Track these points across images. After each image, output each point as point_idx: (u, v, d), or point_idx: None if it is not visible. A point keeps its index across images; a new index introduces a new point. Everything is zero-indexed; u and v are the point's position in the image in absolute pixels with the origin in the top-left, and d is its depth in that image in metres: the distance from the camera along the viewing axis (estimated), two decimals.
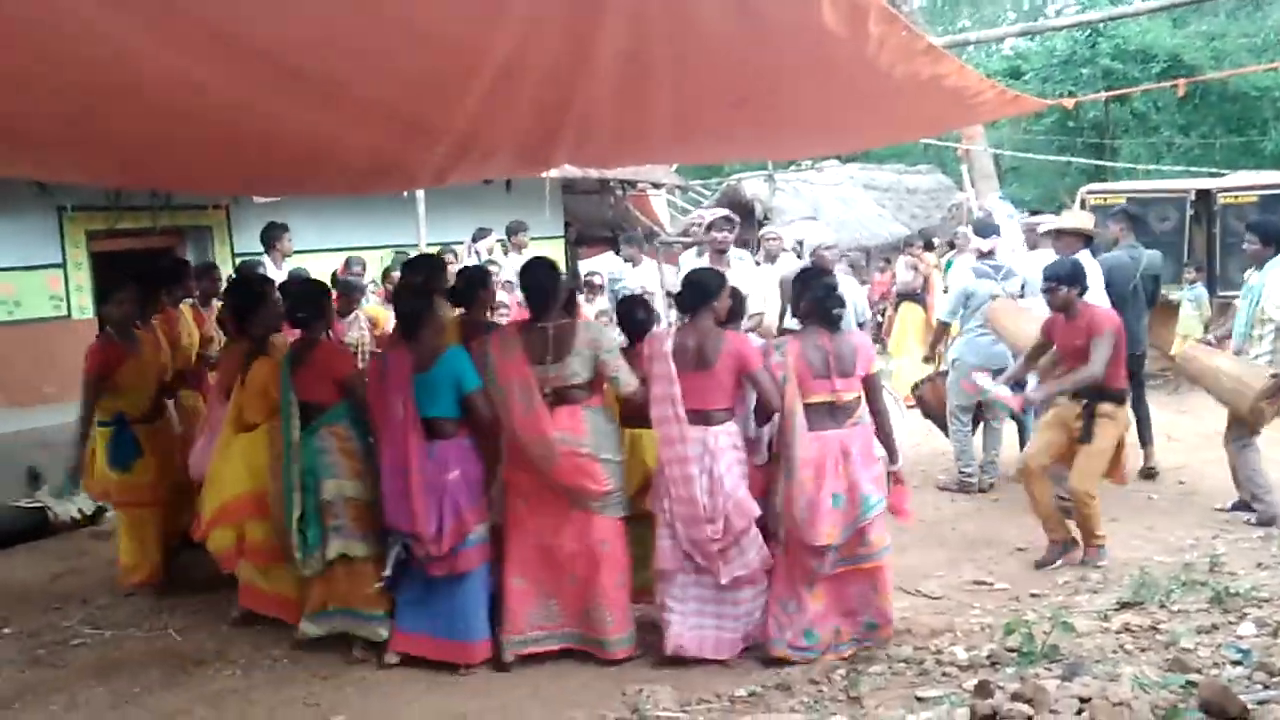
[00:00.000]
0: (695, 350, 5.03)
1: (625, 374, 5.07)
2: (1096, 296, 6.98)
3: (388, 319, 8.00)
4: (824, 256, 8.10)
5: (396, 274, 8.66)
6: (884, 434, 5.25)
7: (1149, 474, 8.04)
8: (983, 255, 8.45)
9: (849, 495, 4.95)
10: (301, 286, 5.76)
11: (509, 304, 8.49)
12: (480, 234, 11.03)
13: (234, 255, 10.43)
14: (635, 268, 10.66)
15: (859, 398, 5.11)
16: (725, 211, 7.95)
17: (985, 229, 8.93)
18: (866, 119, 5.80)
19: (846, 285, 7.92)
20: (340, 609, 5.32)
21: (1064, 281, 6.23)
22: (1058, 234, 7.69)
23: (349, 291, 8.14)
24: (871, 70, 4.05)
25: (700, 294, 5.15)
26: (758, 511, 5.00)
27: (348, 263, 9.24)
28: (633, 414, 5.26)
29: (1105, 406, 6.20)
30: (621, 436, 5.24)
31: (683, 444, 4.95)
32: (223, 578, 5.96)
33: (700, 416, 4.99)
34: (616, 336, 5.41)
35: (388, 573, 5.10)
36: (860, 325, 7.76)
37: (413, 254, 9.63)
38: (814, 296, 5.17)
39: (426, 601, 5.14)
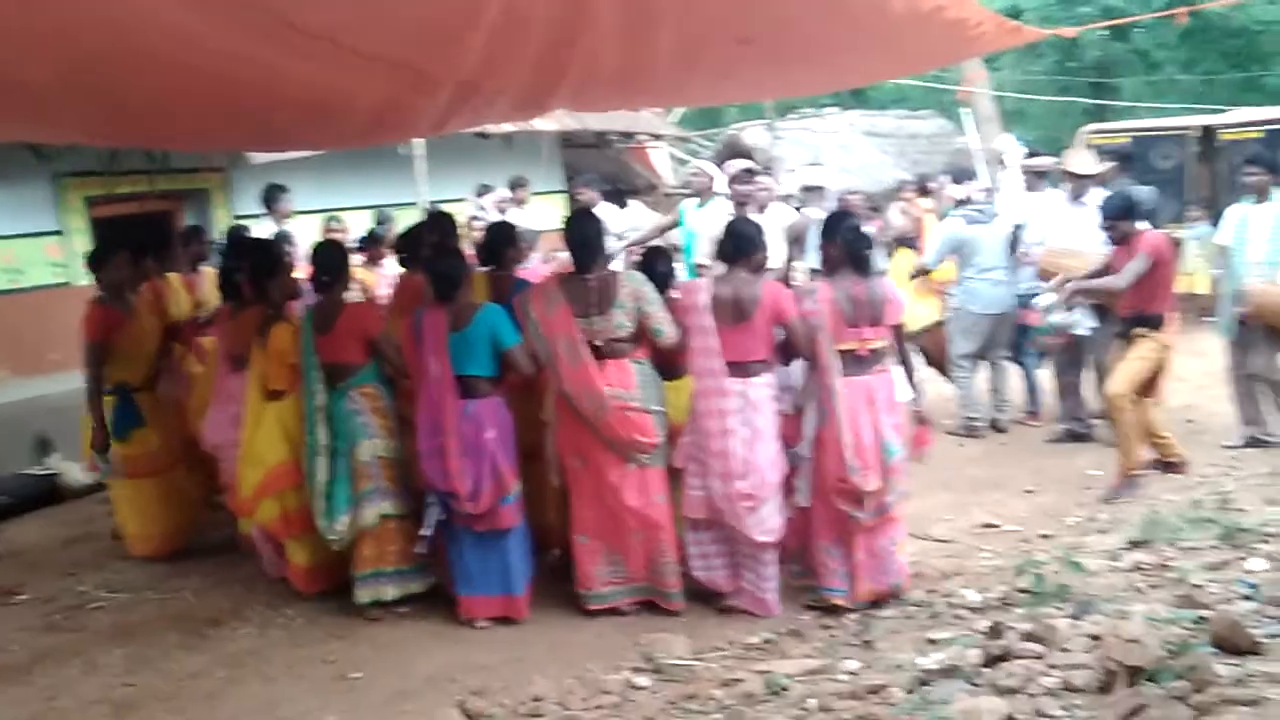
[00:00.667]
0: (733, 301, 4.98)
1: (668, 326, 5.03)
2: (1090, 235, 7.11)
3: (375, 282, 7.92)
4: (850, 201, 8.06)
5: (388, 231, 8.55)
6: (910, 373, 5.37)
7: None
8: (960, 202, 8.28)
9: (874, 441, 4.97)
10: (323, 248, 5.67)
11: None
12: (483, 190, 10.98)
13: (233, 217, 10.38)
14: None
15: (887, 345, 5.13)
16: (747, 164, 7.81)
17: (963, 175, 8.87)
18: (869, 54, 5.77)
19: None
20: (390, 570, 5.31)
21: (1121, 216, 6.41)
22: (1066, 176, 7.75)
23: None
24: (873, 3, 4.01)
25: (743, 245, 5.12)
26: (786, 468, 5.03)
27: (328, 221, 8.91)
28: (660, 366, 5.22)
29: (1141, 330, 6.40)
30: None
31: (721, 397, 4.94)
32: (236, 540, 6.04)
33: (740, 369, 4.97)
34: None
35: (428, 531, 5.10)
36: None
37: (393, 213, 9.60)
38: (844, 240, 5.16)
39: (477, 562, 5.14)
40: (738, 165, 7.93)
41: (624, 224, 9.56)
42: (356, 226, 9.29)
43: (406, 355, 5.20)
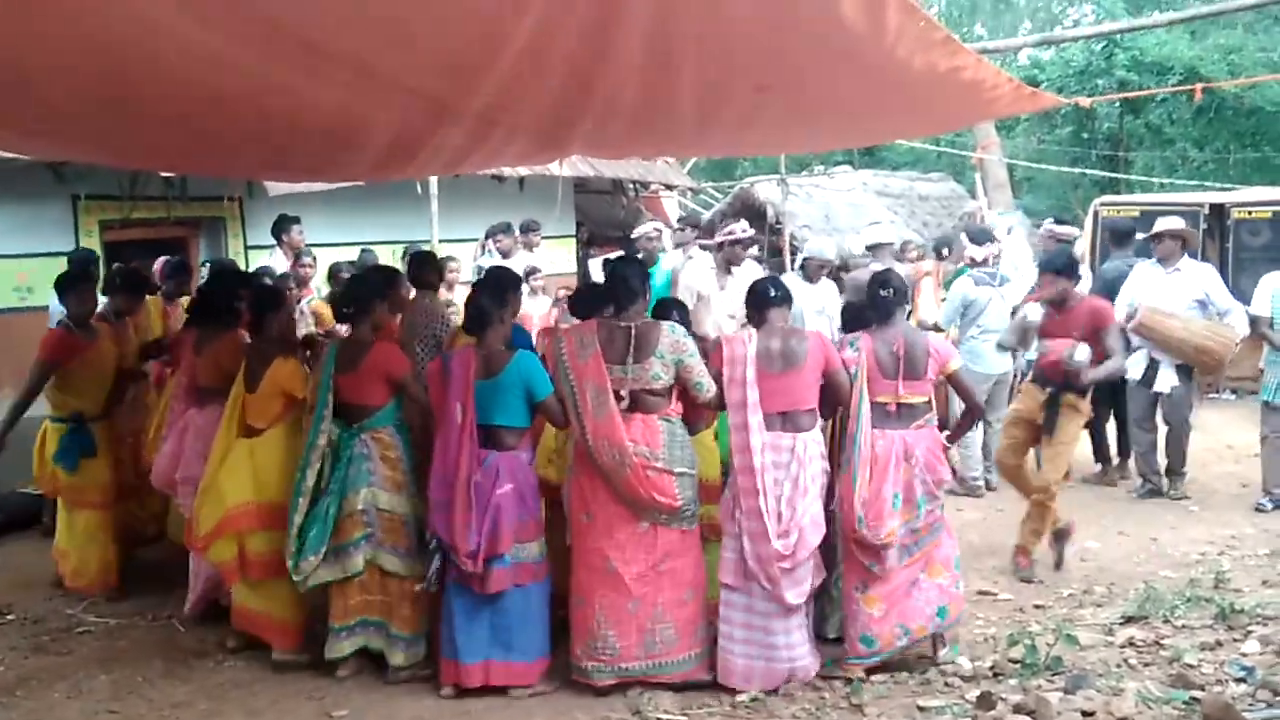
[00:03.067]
0: (781, 351, 4.90)
1: (708, 380, 4.87)
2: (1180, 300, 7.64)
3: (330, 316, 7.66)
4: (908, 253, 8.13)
5: (344, 274, 8.52)
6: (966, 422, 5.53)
7: (1111, 481, 8.36)
8: (976, 264, 8.37)
9: (905, 495, 4.94)
10: (352, 281, 5.56)
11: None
12: (495, 229, 10.98)
13: (246, 247, 10.45)
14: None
15: (928, 401, 5.11)
16: (743, 226, 7.89)
17: (980, 237, 8.97)
18: (885, 110, 5.81)
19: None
20: (372, 620, 5.06)
21: (1060, 272, 6.30)
22: (1157, 237, 7.90)
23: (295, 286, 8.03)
24: (890, 60, 4.05)
25: (772, 298, 5.05)
26: (823, 529, 4.89)
27: (298, 256, 8.79)
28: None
29: (1070, 397, 6.22)
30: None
31: (757, 454, 4.76)
32: None
33: (789, 421, 4.85)
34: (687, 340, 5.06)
35: (430, 582, 4.87)
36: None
37: (375, 252, 9.60)
38: (880, 295, 5.18)
39: (465, 623, 4.86)
40: (736, 225, 7.97)
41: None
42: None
43: (432, 397, 5.01)
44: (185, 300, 7.23)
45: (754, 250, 9.69)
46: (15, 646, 5.55)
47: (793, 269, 8.63)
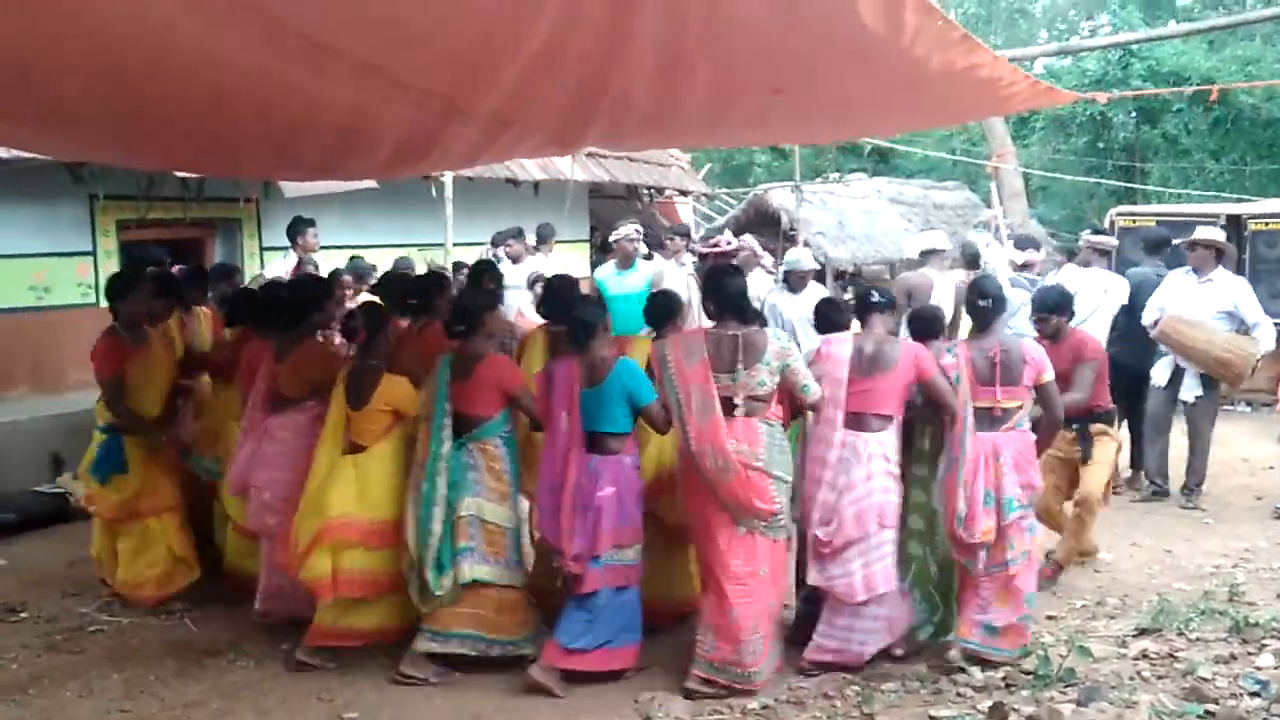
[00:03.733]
0: (873, 355, 5.10)
1: (814, 383, 5.00)
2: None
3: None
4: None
5: (347, 278, 8.49)
6: (1049, 435, 5.53)
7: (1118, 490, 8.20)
8: (1020, 268, 8.51)
9: (996, 495, 5.08)
10: (463, 298, 5.50)
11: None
12: (500, 237, 11.03)
13: (262, 249, 10.48)
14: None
15: (1020, 406, 5.25)
16: (728, 239, 7.94)
17: (1024, 243, 9.04)
18: (899, 106, 5.84)
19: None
20: (469, 633, 5.07)
21: (1054, 310, 6.36)
22: (1191, 246, 7.95)
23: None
24: (907, 59, 4.05)
25: (874, 304, 5.29)
26: (890, 523, 5.05)
27: (300, 263, 8.78)
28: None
29: (1098, 426, 6.40)
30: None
31: (829, 447, 5.01)
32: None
33: (858, 421, 5.04)
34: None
35: (559, 584, 5.00)
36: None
37: (382, 257, 9.62)
38: (968, 301, 5.41)
39: (586, 618, 4.97)
40: (742, 241, 8.01)
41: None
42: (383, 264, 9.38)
43: (538, 406, 5.11)
44: (203, 310, 7.08)
45: (768, 259, 9.67)
46: (28, 645, 5.56)
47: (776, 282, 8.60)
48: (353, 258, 9.31)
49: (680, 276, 7.77)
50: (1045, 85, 5.55)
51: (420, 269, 8.97)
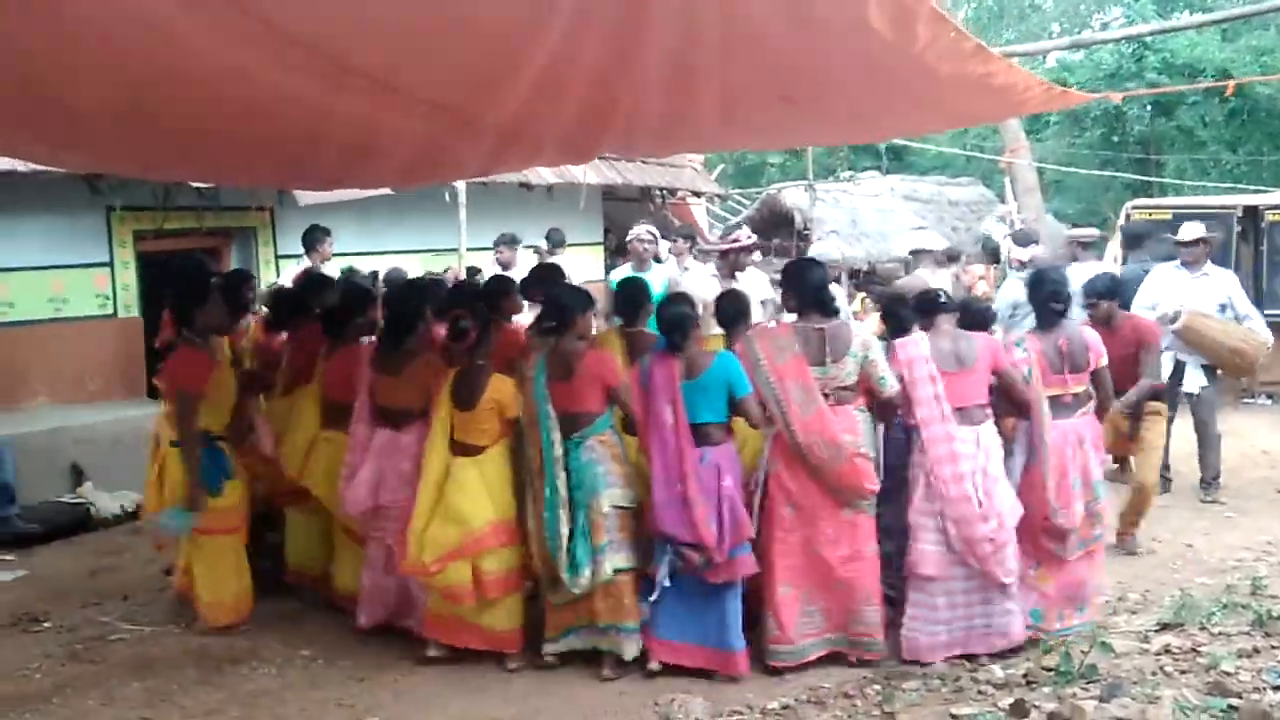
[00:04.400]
0: (953, 352, 5.22)
1: (891, 376, 5.11)
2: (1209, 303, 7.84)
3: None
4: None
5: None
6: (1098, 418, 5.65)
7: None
8: (1022, 265, 8.55)
9: (1083, 479, 5.32)
10: (556, 293, 5.42)
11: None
12: (503, 240, 11.02)
13: (277, 257, 10.52)
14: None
15: (1088, 391, 5.49)
16: (746, 233, 7.90)
17: (1024, 239, 9.06)
18: (912, 112, 5.86)
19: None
20: (585, 625, 5.12)
21: (1104, 295, 6.52)
22: (1194, 243, 8.04)
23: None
24: (919, 68, 4.05)
25: (940, 304, 5.41)
26: (1021, 512, 5.17)
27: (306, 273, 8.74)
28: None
29: (1153, 405, 6.67)
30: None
31: (950, 443, 5.07)
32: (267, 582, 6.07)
33: (965, 415, 5.14)
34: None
35: (665, 583, 4.97)
36: None
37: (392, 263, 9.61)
38: (1042, 297, 5.55)
39: (689, 610, 5.03)
40: (741, 236, 7.97)
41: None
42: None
43: (635, 403, 5.11)
44: (252, 319, 7.08)
45: (756, 255, 9.63)
46: (50, 654, 5.59)
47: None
48: (344, 268, 9.13)
49: (703, 277, 7.73)
50: (1059, 90, 5.53)
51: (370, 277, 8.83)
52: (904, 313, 5.60)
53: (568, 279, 6.42)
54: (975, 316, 5.79)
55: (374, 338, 6.09)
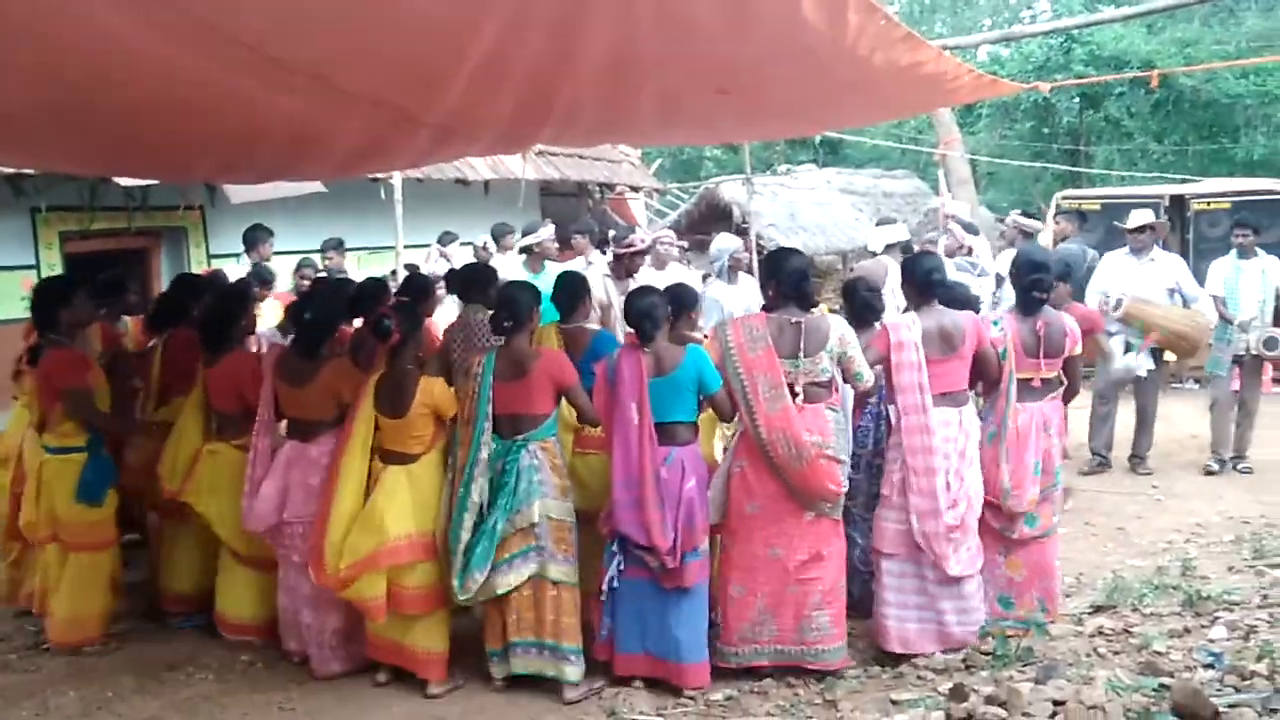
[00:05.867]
0: (940, 334, 5.14)
1: (868, 370, 5.02)
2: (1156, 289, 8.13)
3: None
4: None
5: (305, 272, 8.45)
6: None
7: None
8: (970, 251, 8.79)
9: (1044, 464, 5.28)
10: (509, 291, 5.15)
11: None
12: (446, 238, 10.99)
13: (209, 257, 10.34)
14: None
15: (1059, 377, 5.46)
16: (641, 236, 7.83)
17: (971, 227, 9.26)
18: (846, 103, 5.90)
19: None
20: (532, 641, 4.87)
21: (1060, 278, 6.47)
22: (1135, 231, 8.29)
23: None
24: (851, 58, 4.09)
25: (936, 281, 5.29)
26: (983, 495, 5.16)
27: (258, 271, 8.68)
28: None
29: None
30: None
31: (929, 434, 5.00)
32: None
33: (949, 399, 5.11)
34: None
35: (614, 584, 4.84)
36: None
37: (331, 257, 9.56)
38: (1022, 283, 5.49)
39: (644, 620, 4.88)
40: (663, 233, 7.97)
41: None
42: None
43: (599, 400, 4.92)
44: (129, 320, 6.87)
45: (675, 251, 9.58)
46: None
47: (718, 273, 8.52)
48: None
49: (594, 277, 7.67)
50: (989, 78, 5.63)
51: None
52: (876, 302, 5.57)
53: (499, 279, 6.26)
54: (959, 298, 5.68)
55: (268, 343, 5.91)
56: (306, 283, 8.23)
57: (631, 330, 4.96)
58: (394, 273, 9.49)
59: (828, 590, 4.92)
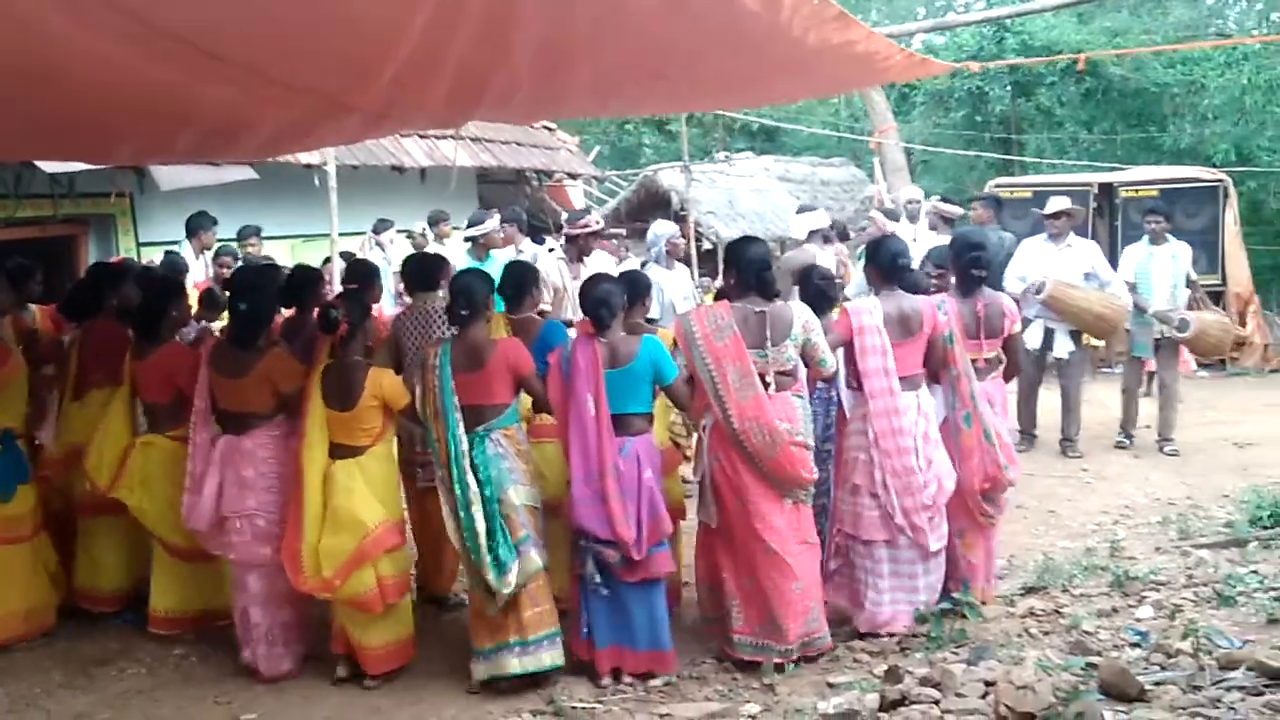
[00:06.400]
0: (900, 318, 5.17)
1: (831, 356, 5.01)
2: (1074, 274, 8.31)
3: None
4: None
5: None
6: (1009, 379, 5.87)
7: None
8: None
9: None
10: (465, 279, 5.05)
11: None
12: (381, 225, 10.91)
13: (139, 245, 10.15)
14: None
15: (999, 356, 5.65)
16: (596, 218, 7.81)
17: (892, 215, 9.40)
18: (780, 81, 5.94)
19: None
20: (516, 641, 4.76)
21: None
22: (1052, 216, 8.55)
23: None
24: (785, 38, 4.10)
25: (900, 265, 5.33)
26: (955, 476, 5.21)
27: (217, 254, 8.71)
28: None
29: None
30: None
31: (898, 415, 5.05)
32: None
33: (909, 382, 5.15)
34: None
35: (595, 579, 4.74)
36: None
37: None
38: (964, 263, 5.61)
39: (616, 613, 4.82)
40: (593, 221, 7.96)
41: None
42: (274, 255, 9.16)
43: (553, 391, 4.86)
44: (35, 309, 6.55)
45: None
46: None
47: (655, 259, 8.51)
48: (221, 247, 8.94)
49: (549, 261, 7.64)
50: (920, 57, 5.74)
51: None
52: (831, 290, 5.57)
53: (451, 268, 6.19)
54: (910, 285, 5.64)
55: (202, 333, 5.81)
56: (226, 271, 8.11)
57: (585, 317, 4.91)
58: (328, 260, 9.37)
59: (813, 578, 4.92)
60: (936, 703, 3.67)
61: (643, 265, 8.14)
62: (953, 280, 5.81)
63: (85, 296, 6.16)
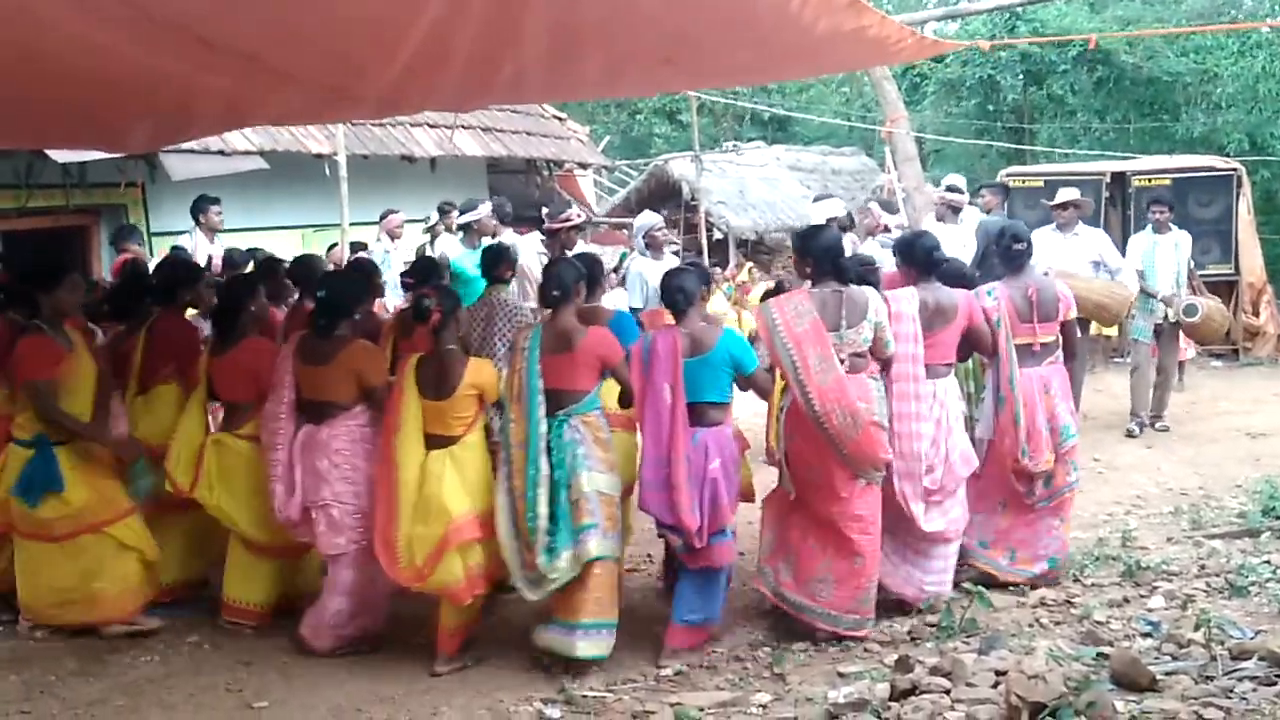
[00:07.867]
0: (936, 309, 5.27)
1: (894, 340, 5.07)
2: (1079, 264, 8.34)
3: None
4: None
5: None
6: (1075, 376, 5.83)
7: None
8: (887, 230, 8.87)
9: (1050, 423, 5.46)
10: (557, 263, 5.15)
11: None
12: (447, 208, 10.85)
13: (150, 234, 10.17)
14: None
15: (1057, 340, 5.63)
16: (575, 211, 7.78)
17: (890, 207, 9.48)
18: (790, 65, 5.97)
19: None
20: (591, 621, 4.76)
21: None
22: (1059, 207, 8.61)
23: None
24: (795, 25, 4.10)
25: (936, 259, 5.42)
26: (976, 463, 5.31)
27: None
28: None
29: None
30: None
31: (917, 401, 5.14)
32: None
33: (932, 371, 5.23)
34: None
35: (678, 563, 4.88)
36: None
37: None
38: (1001, 246, 5.69)
39: (688, 593, 4.98)
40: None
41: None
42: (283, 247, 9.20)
43: (633, 379, 4.92)
44: None
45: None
46: None
47: (639, 250, 8.47)
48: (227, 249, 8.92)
49: (529, 252, 7.62)
50: (931, 39, 5.84)
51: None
52: (871, 277, 5.48)
53: (518, 257, 6.21)
54: (954, 274, 5.70)
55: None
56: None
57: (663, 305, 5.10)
58: (333, 245, 9.41)
59: (874, 559, 4.99)
60: (947, 692, 3.67)
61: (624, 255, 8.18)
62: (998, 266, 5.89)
63: (140, 293, 6.13)
